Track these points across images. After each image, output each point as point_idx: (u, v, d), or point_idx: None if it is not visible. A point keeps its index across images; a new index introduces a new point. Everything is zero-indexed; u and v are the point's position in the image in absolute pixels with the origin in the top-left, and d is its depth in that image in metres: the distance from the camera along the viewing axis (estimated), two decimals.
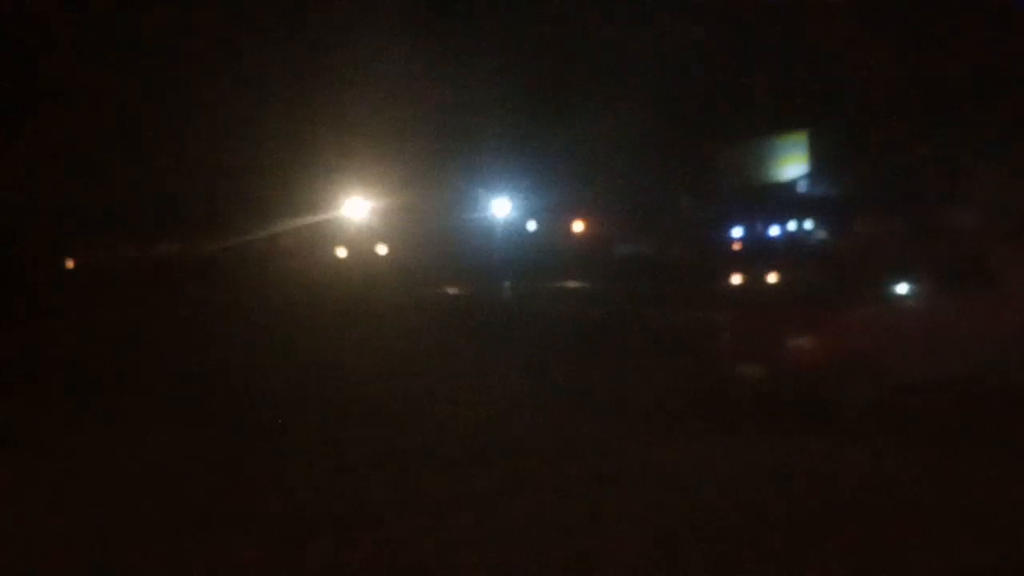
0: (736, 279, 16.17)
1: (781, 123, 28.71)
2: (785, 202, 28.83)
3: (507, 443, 10.22)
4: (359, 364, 14.98)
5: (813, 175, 29.33)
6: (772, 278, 14.46)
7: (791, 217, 27.54)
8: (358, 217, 35.21)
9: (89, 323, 21.93)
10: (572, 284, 23.90)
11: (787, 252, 23.39)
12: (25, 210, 28.80)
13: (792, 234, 26.97)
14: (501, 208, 32.68)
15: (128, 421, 11.84)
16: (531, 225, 33.66)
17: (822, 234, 26.31)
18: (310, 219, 35.47)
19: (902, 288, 11.80)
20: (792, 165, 29.98)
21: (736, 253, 25.24)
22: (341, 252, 37.27)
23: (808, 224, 27.28)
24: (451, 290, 24.79)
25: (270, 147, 27.86)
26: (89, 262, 37.76)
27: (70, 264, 38.02)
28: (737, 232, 27.28)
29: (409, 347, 16.11)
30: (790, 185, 29.93)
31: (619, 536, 7.31)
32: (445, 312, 22.59)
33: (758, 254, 23.58)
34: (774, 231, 27.18)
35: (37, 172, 27.36)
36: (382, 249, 36.50)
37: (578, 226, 32.83)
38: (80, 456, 10.35)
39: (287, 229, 36.37)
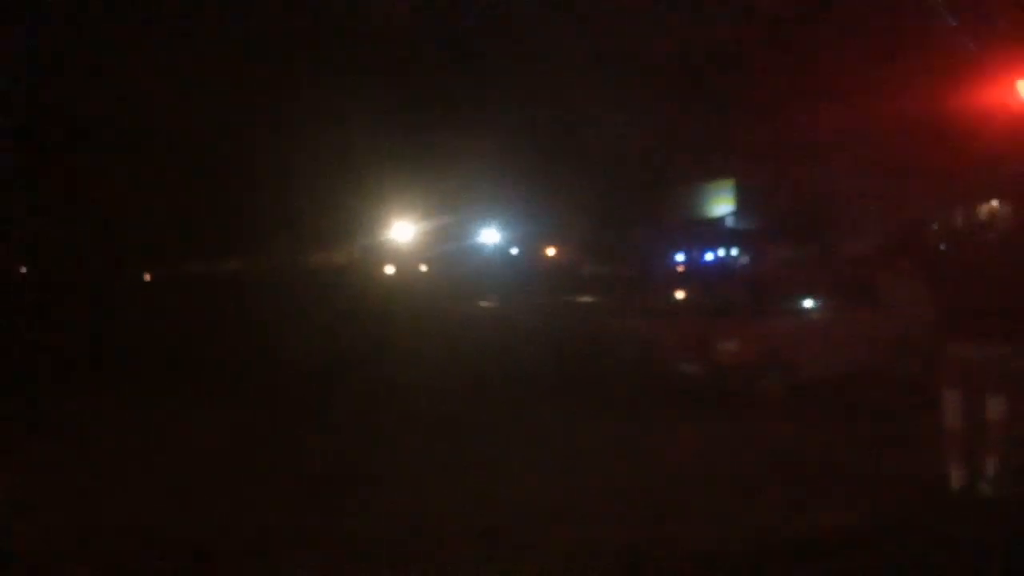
0: (680, 294, 16.24)
1: (713, 172, 28.96)
2: (716, 234, 28.92)
3: (509, 416, 10.36)
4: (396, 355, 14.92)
5: (737, 213, 29.50)
6: (707, 293, 14.54)
7: (721, 245, 27.68)
8: (404, 238, 32.90)
9: (161, 324, 21.80)
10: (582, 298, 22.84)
11: (718, 273, 23.43)
12: (111, 231, 28.36)
13: (722, 259, 27.07)
14: (493, 235, 32.58)
15: (192, 402, 11.91)
16: (513, 250, 33.56)
17: (744, 259, 26.41)
18: (362, 240, 34.09)
19: (806, 302, 11.91)
20: (721, 205, 30.19)
21: (680, 274, 25.20)
22: (389, 269, 34.87)
23: (733, 251, 27.42)
24: (485, 303, 22.44)
25: (329, 178, 26.70)
26: (164, 275, 37.33)
27: (148, 277, 37.81)
28: (680, 257, 27.39)
29: (427, 344, 15.92)
30: (720, 220, 30.08)
31: (596, 480, 7.56)
32: (469, 322, 21.20)
33: (696, 274, 23.53)
34: (709, 256, 27.29)
35: (122, 198, 26.30)
36: (423, 267, 34.22)
37: (551, 251, 32.90)
38: (158, 427, 10.43)
39: (342, 248, 36.03)
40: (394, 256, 34.47)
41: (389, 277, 35.08)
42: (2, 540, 6.65)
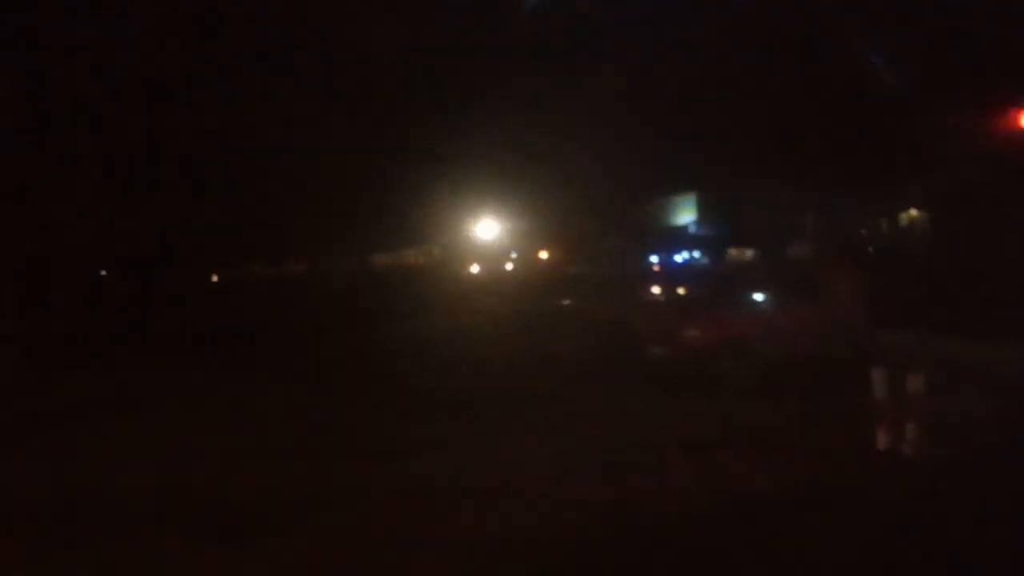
0: (656, 289, 16.21)
1: (679, 186, 28.89)
2: (682, 239, 28.91)
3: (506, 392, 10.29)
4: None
5: (699, 221, 29.48)
6: (679, 290, 14.54)
7: (686, 249, 27.66)
8: (489, 237, 29.50)
9: (227, 318, 21.71)
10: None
11: (685, 273, 23.41)
12: (182, 236, 27.42)
13: (688, 260, 27.05)
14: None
15: (254, 381, 12.01)
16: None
17: (705, 261, 26.38)
18: (445, 238, 30.72)
19: (759, 298, 11.92)
20: (685, 214, 30.21)
21: (656, 272, 25.20)
22: (474, 268, 30.90)
23: (696, 253, 27.40)
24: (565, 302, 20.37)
25: (413, 176, 24.56)
26: (230, 277, 36.36)
27: (214, 278, 37.13)
28: (655, 258, 27.38)
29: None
30: (684, 228, 30.09)
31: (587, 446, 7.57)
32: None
33: (668, 274, 23.51)
34: (678, 258, 27.27)
35: (191, 207, 25.57)
36: (509, 266, 30.89)
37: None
38: (221, 401, 10.60)
39: (423, 247, 33.10)
40: (479, 255, 30.66)
41: (473, 276, 31.05)
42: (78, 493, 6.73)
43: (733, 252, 24.05)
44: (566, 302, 20.35)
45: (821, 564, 4.89)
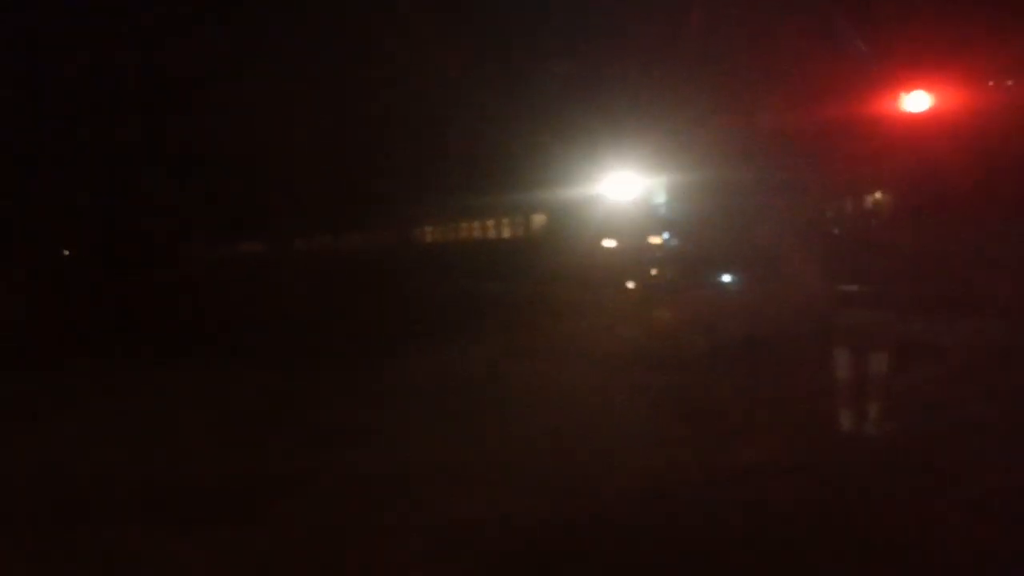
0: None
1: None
2: (655, 221, 28.93)
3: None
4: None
5: (668, 203, 29.44)
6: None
7: (659, 231, 27.62)
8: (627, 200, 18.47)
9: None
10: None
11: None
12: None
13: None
14: None
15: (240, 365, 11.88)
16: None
17: (674, 242, 26.37)
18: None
19: (726, 278, 11.99)
20: (657, 196, 30.21)
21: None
22: (608, 242, 19.88)
23: (666, 235, 27.34)
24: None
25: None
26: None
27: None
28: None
29: None
30: (656, 209, 30.07)
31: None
32: None
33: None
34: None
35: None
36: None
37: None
38: (198, 386, 10.47)
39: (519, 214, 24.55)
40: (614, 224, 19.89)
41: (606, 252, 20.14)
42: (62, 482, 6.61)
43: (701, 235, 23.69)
44: None
45: (779, 540, 4.90)
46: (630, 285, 14.94)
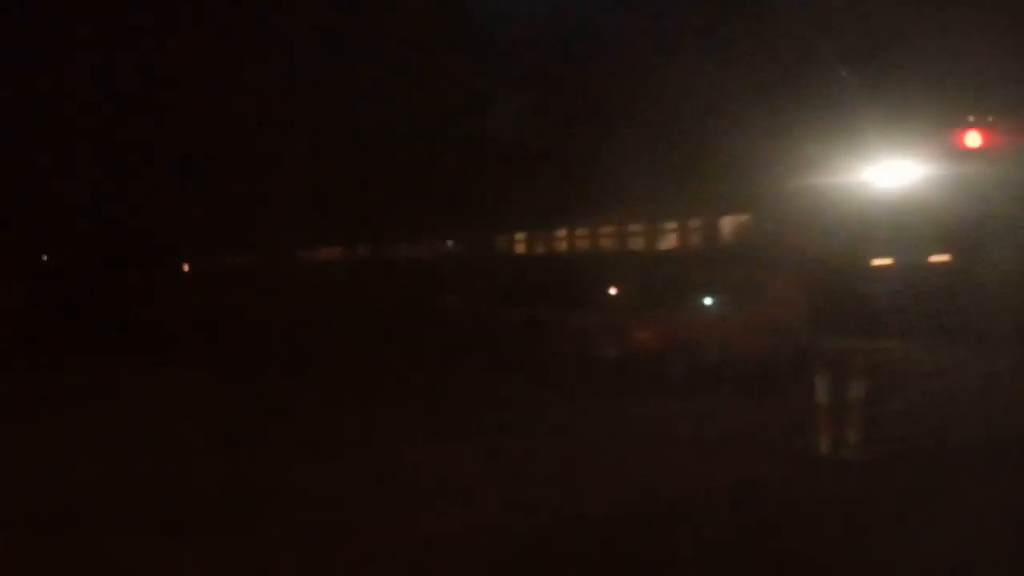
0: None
1: None
2: None
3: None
4: None
5: None
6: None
7: None
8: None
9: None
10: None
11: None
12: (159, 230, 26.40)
13: None
14: None
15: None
16: None
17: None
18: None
19: (706, 300, 12.02)
20: None
21: None
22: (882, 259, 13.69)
23: None
24: None
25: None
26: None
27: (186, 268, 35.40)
28: None
29: None
30: None
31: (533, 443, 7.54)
32: None
33: None
34: None
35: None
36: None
37: None
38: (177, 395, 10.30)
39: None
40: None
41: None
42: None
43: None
44: None
45: (756, 562, 4.93)
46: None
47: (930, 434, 7.24)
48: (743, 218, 17.84)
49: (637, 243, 21.06)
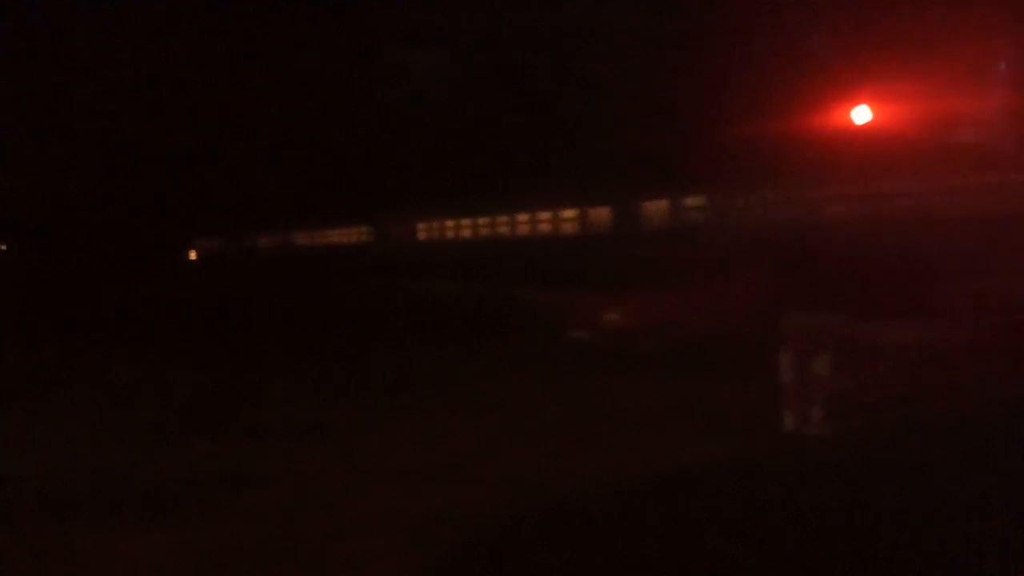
0: None
1: None
2: None
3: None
4: None
5: None
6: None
7: None
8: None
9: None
10: None
11: None
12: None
13: None
14: None
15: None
16: None
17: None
18: None
19: (676, 280, 11.95)
20: None
21: None
22: None
23: None
24: None
25: None
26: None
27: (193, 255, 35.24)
28: None
29: None
30: None
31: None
32: None
33: None
34: None
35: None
36: None
37: None
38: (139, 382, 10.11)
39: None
40: None
41: None
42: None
43: None
44: None
45: (718, 540, 4.90)
46: None
47: (900, 407, 7.29)
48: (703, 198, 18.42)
49: (602, 225, 21.44)
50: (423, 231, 30.22)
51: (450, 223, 28.36)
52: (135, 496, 5.97)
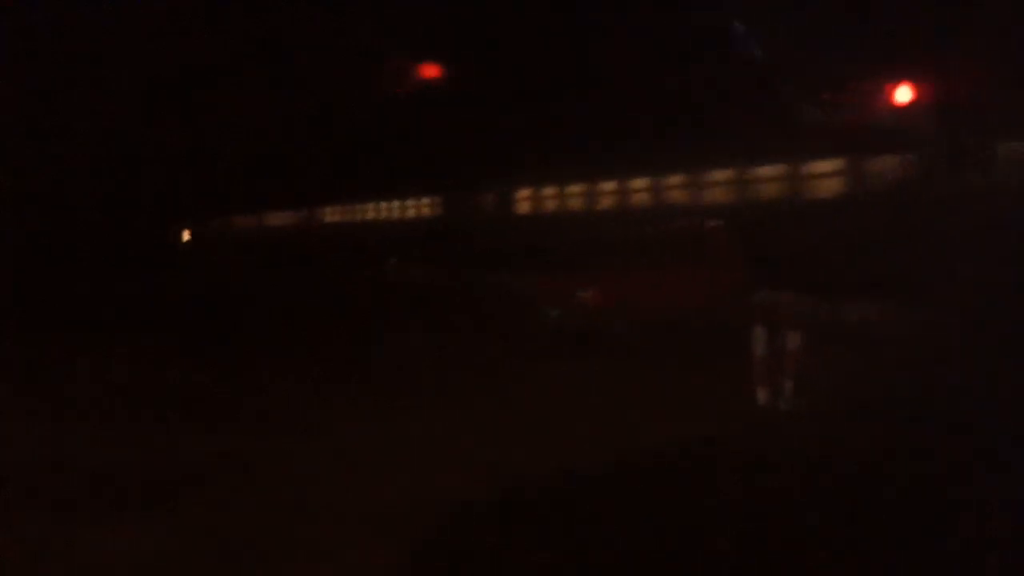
0: None
1: None
2: None
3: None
4: None
5: None
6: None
7: None
8: None
9: None
10: None
11: None
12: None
13: None
14: None
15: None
16: None
17: None
18: None
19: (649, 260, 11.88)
20: None
21: None
22: None
23: None
24: None
25: None
26: None
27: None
28: None
29: None
30: None
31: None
32: None
33: None
34: None
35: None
36: None
37: None
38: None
39: None
40: None
41: None
42: None
43: None
44: None
45: (698, 523, 4.90)
46: None
47: (872, 390, 7.35)
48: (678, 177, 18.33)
49: (575, 203, 21.41)
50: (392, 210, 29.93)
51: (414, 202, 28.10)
52: (119, 485, 5.84)
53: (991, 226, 10.17)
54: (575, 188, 22.28)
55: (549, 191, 23.20)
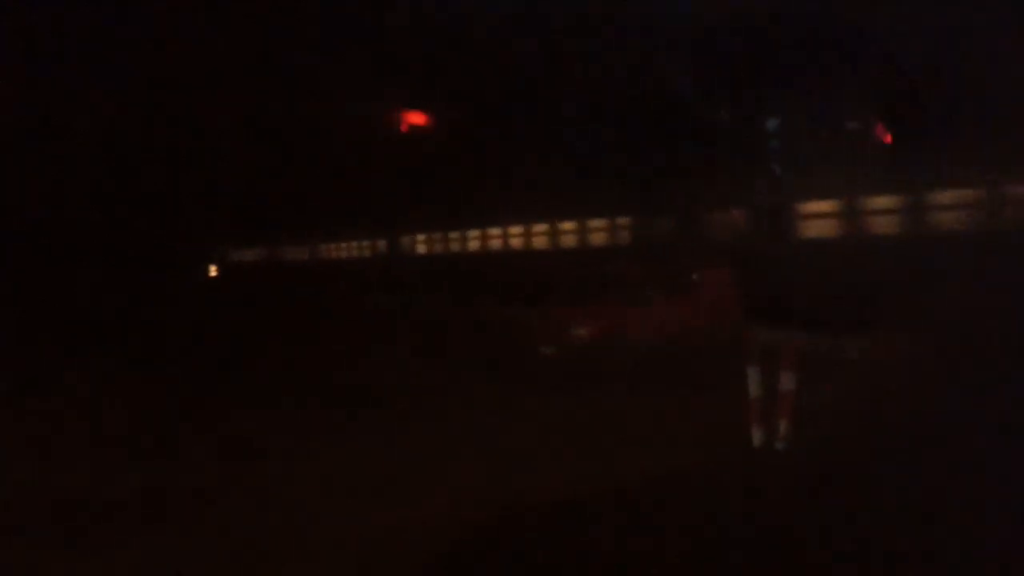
0: None
1: None
2: None
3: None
4: None
5: None
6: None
7: None
8: None
9: None
10: None
11: None
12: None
13: None
14: None
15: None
16: None
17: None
18: None
19: (644, 296, 11.84)
20: None
21: None
22: None
23: None
24: None
25: None
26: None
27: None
28: None
29: None
30: None
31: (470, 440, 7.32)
32: None
33: None
34: None
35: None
36: None
37: None
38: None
39: None
40: None
41: None
42: None
43: None
44: None
45: (685, 552, 4.82)
46: None
47: (858, 421, 7.25)
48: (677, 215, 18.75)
49: (570, 240, 21.63)
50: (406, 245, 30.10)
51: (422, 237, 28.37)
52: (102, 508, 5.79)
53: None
54: (569, 225, 22.31)
55: (542, 228, 23.29)
